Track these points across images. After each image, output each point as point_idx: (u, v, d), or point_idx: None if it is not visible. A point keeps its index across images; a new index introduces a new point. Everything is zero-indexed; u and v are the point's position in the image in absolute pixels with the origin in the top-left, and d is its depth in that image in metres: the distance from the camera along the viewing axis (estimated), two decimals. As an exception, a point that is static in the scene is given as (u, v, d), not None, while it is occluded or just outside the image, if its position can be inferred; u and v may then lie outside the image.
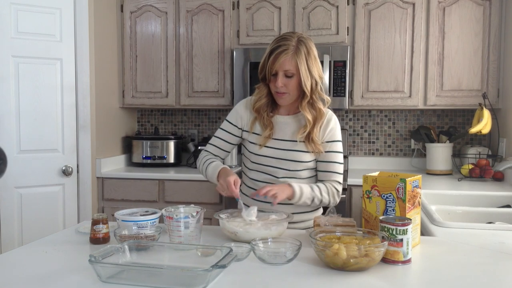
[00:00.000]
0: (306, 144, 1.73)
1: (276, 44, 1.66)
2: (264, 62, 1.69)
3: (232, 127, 1.85)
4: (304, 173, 1.78)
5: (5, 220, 2.77)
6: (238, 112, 1.86)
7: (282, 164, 1.76)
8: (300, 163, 1.75)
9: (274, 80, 1.69)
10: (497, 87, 2.99)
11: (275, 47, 1.66)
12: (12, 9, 2.76)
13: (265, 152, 1.77)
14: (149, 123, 3.77)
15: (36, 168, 2.87)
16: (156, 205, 3.03)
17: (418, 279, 1.20)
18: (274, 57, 1.65)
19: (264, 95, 1.76)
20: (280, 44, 1.65)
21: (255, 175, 1.81)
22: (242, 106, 1.87)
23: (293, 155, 1.74)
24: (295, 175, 1.76)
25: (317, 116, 1.73)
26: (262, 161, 1.77)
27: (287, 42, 1.65)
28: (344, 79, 3.04)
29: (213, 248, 1.24)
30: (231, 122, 1.86)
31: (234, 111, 1.87)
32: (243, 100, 1.90)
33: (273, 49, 1.66)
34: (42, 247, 1.42)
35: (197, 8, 3.28)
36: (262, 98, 1.77)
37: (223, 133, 1.87)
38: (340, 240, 1.26)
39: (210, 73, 3.29)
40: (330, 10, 3.11)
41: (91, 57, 3.05)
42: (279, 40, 1.67)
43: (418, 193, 1.42)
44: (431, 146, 3.15)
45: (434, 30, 3.01)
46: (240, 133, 1.85)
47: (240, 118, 1.85)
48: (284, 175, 1.76)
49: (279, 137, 1.77)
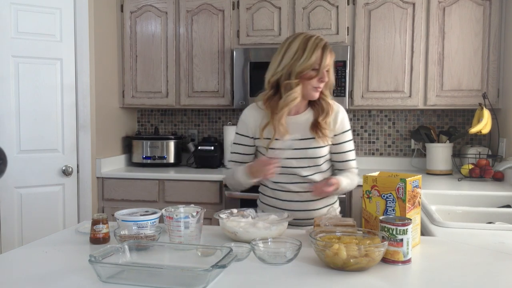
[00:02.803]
0: (319, 138, 1.78)
1: (319, 41, 1.71)
2: (306, 59, 1.69)
3: (244, 139, 1.87)
4: (324, 165, 1.85)
5: (5, 220, 2.77)
6: (244, 122, 1.86)
7: (303, 162, 1.79)
8: (320, 158, 1.81)
9: (312, 76, 1.71)
10: (497, 87, 2.99)
11: (322, 43, 1.71)
12: (12, 9, 2.76)
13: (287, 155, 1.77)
14: (149, 123, 3.77)
15: (36, 168, 2.87)
16: (156, 205, 3.03)
17: (418, 279, 1.20)
18: (324, 52, 1.70)
19: (299, 94, 1.74)
20: (322, 40, 1.72)
21: (280, 178, 1.81)
22: (248, 116, 1.86)
23: (313, 152, 1.79)
24: (318, 169, 1.83)
25: (329, 109, 1.80)
26: (285, 164, 1.77)
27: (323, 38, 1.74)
28: (344, 79, 3.04)
29: (213, 248, 1.24)
30: (242, 134, 1.87)
31: (241, 123, 1.88)
32: (247, 110, 1.89)
33: (319, 45, 1.70)
34: (42, 247, 1.42)
35: (197, 8, 3.28)
36: (298, 96, 1.74)
37: (239, 147, 1.88)
38: (340, 240, 1.26)
39: (210, 73, 3.29)
40: (330, 10, 3.11)
41: (91, 57, 3.05)
42: (317, 37, 1.72)
43: (418, 193, 1.42)
44: (431, 146, 3.15)
45: (434, 30, 3.01)
46: (252, 142, 1.86)
47: (248, 127, 1.85)
48: (308, 173, 1.81)
49: (295, 137, 1.78)
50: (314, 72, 1.71)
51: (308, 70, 1.70)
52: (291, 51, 1.71)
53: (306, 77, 1.71)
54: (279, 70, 1.73)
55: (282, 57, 1.73)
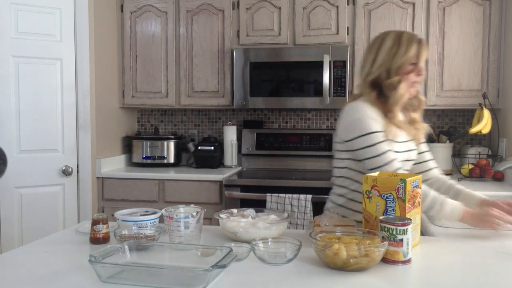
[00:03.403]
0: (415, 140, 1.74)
1: (413, 35, 1.68)
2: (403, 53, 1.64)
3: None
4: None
5: (5, 220, 2.77)
6: (376, 119, 1.63)
7: (410, 166, 1.74)
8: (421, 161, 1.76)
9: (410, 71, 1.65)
10: (497, 87, 2.99)
11: (416, 37, 1.68)
12: (12, 9, 2.76)
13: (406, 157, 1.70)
14: (149, 123, 3.77)
15: (36, 168, 2.87)
16: (156, 205, 3.03)
17: (418, 279, 1.20)
18: (421, 45, 1.66)
19: (405, 89, 1.65)
20: (415, 34, 1.69)
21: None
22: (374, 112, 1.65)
23: (414, 154, 1.73)
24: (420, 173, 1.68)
25: (421, 105, 1.76)
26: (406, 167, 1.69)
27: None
28: (344, 79, 3.04)
29: (213, 248, 1.24)
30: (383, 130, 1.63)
31: (372, 120, 1.61)
32: (366, 106, 1.65)
33: (415, 39, 1.66)
34: (42, 247, 1.42)
35: (197, 8, 3.28)
36: (405, 92, 1.65)
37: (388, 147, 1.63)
38: (340, 240, 1.26)
39: (210, 73, 3.29)
40: (330, 10, 3.11)
41: (91, 57, 3.05)
42: (409, 32, 1.71)
43: (418, 193, 1.42)
44: (431, 146, 3.10)
45: (434, 30, 3.01)
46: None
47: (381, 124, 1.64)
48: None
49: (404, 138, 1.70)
50: (412, 67, 1.65)
51: (407, 65, 1.64)
52: (385, 48, 1.65)
53: (405, 72, 1.64)
54: (374, 69, 1.67)
55: (376, 55, 1.67)
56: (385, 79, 1.65)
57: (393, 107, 1.66)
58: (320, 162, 3.37)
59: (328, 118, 3.50)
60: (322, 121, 3.51)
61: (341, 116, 1.71)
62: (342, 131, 1.69)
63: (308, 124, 3.53)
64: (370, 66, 1.68)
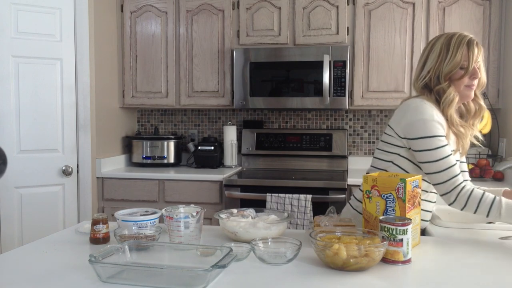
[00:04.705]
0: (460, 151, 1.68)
1: (463, 37, 1.61)
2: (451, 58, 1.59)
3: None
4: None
5: (5, 220, 2.77)
6: (440, 123, 1.58)
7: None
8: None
9: (462, 75, 1.59)
10: (497, 87, 2.99)
11: (466, 39, 1.61)
12: (12, 9, 2.76)
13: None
14: (149, 123, 3.77)
15: (36, 168, 2.87)
16: (156, 205, 3.03)
17: (418, 279, 1.20)
18: (470, 47, 1.60)
19: (455, 93, 1.60)
20: (466, 35, 1.62)
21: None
22: (439, 115, 1.60)
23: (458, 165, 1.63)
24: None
25: (481, 111, 1.69)
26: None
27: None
28: (344, 79, 3.04)
29: (213, 248, 1.24)
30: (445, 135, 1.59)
31: (436, 123, 1.56)
32: (430, 107, 1.59)
33: (463, 41, 1.60)
34: (42, 247, 1.42)
35: (197, 8, 3.28)
36: (455, 96, 1.60)
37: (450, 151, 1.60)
38: (340, 240, 1.26)
39: (210, 73, 3.29)
40: (330, 10, 3.11)
41: (91, 57, 3.05)
42: (460, 34, 1.63)
43: (418, 193, 1.42)
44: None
45: (434, 30, 3.01)
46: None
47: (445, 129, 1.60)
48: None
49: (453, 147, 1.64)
50: (462, 71, 1.59)
51: (456, 70, 1.58)
52: (434, 52, 1.62)
53: (456, 78, 1.59)
54: (424, 74, 1.64)
55: (426, 60, 1.64)
56: (436, 85, 1.62)
57: (447, 113, 1.60)
58: (320, 162, 3.37)
59: (328, 118, 3.50)
60: (322, 121, 3.51)
61: (402, 110, 1.66)
62: (403, 127, 1.63)
63: (308, 124, 3.54)
64: (420, 71, 1.66)
